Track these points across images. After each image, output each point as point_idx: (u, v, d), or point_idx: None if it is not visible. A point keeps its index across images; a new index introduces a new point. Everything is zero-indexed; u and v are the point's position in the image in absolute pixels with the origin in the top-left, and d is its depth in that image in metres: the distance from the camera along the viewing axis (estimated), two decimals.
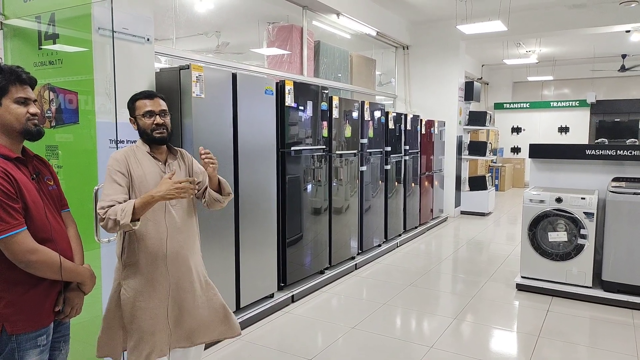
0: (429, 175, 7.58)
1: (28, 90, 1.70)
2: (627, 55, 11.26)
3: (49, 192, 1.79)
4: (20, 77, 1.68)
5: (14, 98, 1.66)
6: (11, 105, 1.65)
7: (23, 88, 1.68)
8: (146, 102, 2.15)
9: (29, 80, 1.72)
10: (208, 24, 6.28)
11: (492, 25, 6.66)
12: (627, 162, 4.43)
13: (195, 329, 2.24)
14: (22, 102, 1.67)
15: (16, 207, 1.57)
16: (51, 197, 1.80)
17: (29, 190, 1.65)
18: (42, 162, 1.87)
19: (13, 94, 1.65)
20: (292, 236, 4.27)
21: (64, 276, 1.69)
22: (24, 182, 1.63)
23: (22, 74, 1.69)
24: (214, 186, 2.27)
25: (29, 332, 1.63)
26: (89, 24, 2.67)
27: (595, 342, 3.48)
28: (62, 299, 1.75)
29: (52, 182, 1.83)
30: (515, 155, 13.77)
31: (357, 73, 7.24)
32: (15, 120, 1.66)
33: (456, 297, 4.42)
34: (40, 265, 1.62)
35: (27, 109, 1.68)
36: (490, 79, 14.19)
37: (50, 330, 1.72)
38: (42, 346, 1.67)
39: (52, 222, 1.71)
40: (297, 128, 4.26)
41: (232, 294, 3.59)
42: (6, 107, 1.65)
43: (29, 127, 1.68)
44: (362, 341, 3.45)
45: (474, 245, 6.48)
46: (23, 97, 1.67)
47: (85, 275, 1.82)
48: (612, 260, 4.13)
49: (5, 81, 1.65)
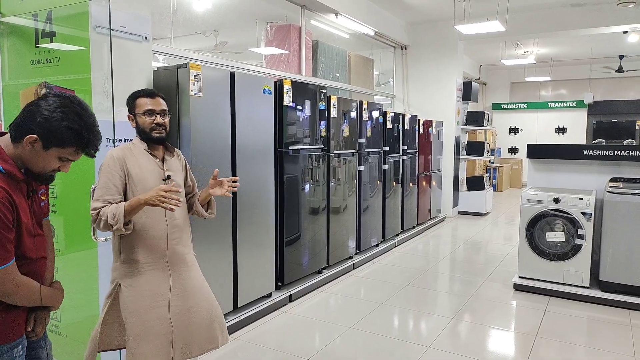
0: (426, 175, 7.59)
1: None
2: (625, 56, 11.29)
3: (39, 208, 1.67)
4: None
5: None
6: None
7: None
8: (147, 101, 2.14)
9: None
10: (206, 23, 6.27)
11: (490, 25, 6.66)
12: (624, 163, 4.44)
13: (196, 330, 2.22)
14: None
15: (10, 237, 1.46)
16: (40, 214, 1.68)
17: (24, 210, 1.54)
18: None
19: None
20: (290, 236, 4.26)
21: (43, 302, 1.62)
22: (21, 204, 1.52)
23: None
24: (204, 202, 2.27)
25: (4, 344, 1.54)
26: (86, 22, 2.66)
27: (592, 342, 3.48)
28: (33, 318, 1.65)
29: (44, 196, 1.73)
30: (513, 156, 13.79)
31: (355, 73, 7.24)
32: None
33: (454, 297, 4.43)
34: (21, 298, 1.55)
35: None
36: (488, 79, 14.21)
37: (24, 341, 1.63)
38: (19, 357, 1.60)
39: (36, 241, 1.61)
40: (295, 127, 4.26)
41: (229, 293, 3.58)
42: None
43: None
44: (359, 341, 3.45)
45: (471, 245, 6.48)
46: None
47: (60, 297, 1.74)
48: (610, 261, 4.13)
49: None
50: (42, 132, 1.46)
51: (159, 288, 2.10)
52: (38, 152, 1.49)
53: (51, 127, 1.46)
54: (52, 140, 1.47)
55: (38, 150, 1.48)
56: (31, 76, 2.90)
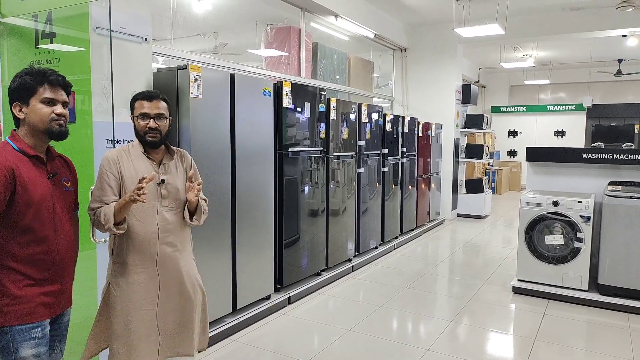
0: (426, 177, 7.59)
1: (58, 91, 1.76)
2: (624, 60, 11.32)
3: (63, 192, 1.84)
4: (49, 79, 1.74)
5: (40, 98, 1.72)
6: (37, 105, 1.72)
7: (52, 89, 1.74)
8: (144, 104, 2.12)
9: (60, 82, 1.77)
10: (206, 24, 6.27)
11: (489, 28, 6.68)
12: (623, 166, 4.44)
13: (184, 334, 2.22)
14: (48, 103, 1.73)
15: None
16: (64, 198, 1.84)
17: (37, 186, 1.70)
18: (65, 164, 1.93)
19: (40, 95, 1.72)
20: (289, 238, 4.25)
21: None
22: (32, 179, 1.69)
23: (52, 76, 1.75)
24: (192, 208, 2.22)
25: (23, 324, 1.68)
26: (86, 23, 2.66)
27: (591, 346, 3.48)
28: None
29: (69, 183, 1.89)
30: (512, 159, 13.81)
31: (354, 75, 7.25)
32: (40, 120, 1.72)
33: (453, 300, 4.42)
34: None
35: (53, 109, 1.74)
36: (488, 82, 14.23)
37: (45, 325, 1.76)
38: (38, 339, 1.72)
39: (56, 223, 1.76)
40: (295, 129, 4.26)
41: (228, 296, 3.57)
42: (33, 106, 1.73)
43: (53, 127, 1.74)
44: (358, 343, 3.44)
45: (470, 248, 6.48)
46: (50, 97, 1.73)
47: None
48: (609, 264, 4.14)
49: (34, 82, 1.72)
50: (15, 96, 1.74)
51: (146, 291, 2.10)
52: (28, 112, 1.73)
53: (16, 87, 1.74)
54: (23, 94, 1.73)
55: (27, 112, 1.73)
56: None
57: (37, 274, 1.71)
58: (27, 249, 1.69)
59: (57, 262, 1.77)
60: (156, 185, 2.12)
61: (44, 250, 1.72)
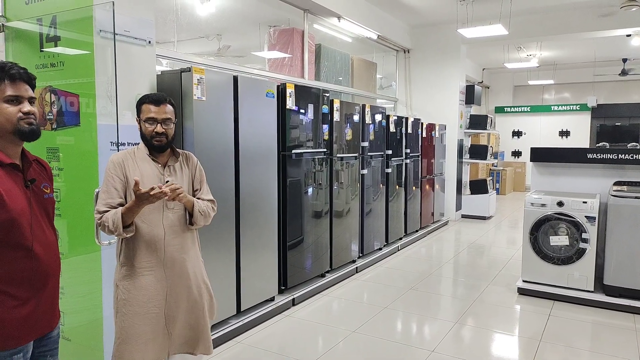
0: (429, 178, 7.58)
1: (22, 87, 1.56)
2: (628, 59, 11.27)
3: (42, 200, 1.65)
4: (10, 73, 1.53)
5: (3, 97, 1.52)
6: (1, 105, 1.52)
7: (15, 85, 1.54)
8: (150, 108, 2.12)
9: (23, 76, 1.57)
10: (209, 27, 6.28)
11: (493, 29, 6.66)
12: (628, 166, 4.42)
13: (193, 335, 2.22)
14: (12, 101, 1.54)
15: None
16: (44, 207, 1.66)
17: (15, 199, 1.52)
18: (42, 167, 1.74)
19: (3, 92, 1.52)
20: (293, 239, 4.26)
21: None
22: (10, 192, 1.51)
23: (13, 69, 1.54)
24: (189, 209, 2.20)
25: (3, 350, 1.51)
26: (90, 27, 2.67)
27: (597, 347, 3.46)
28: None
29: (48, 189, 1.70)
30: (516, 159, 13.77)
31: (358, 76, 7.25)
32: (5, 120, 1.52)
33: (457, 301, 4.41)
34: None
35: (20, 107, 1.55)
36: (491, 82, 14.20)
37: (28, 348, 1.60)
38: None
39: (36, 235, 1.58)
40: (298, 131, 4.26)
41: (232, 297, 3.58)
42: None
43: (22, 127, 1.54)
44: (362, 345, 3.44)
45: (475, 249, 6.46)
46: (14, 95, 1.54)
47: None
48: (614, 265, 4.11)
49: None
50: None
51: (154, 294, 2.10)
52: None
53: None
54: None
55: None
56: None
57: (22, 293, 1.54)
58: (9, 266, 1.51)
59: (43, 277, 1.60)
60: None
61: (28, 266, 1.55)
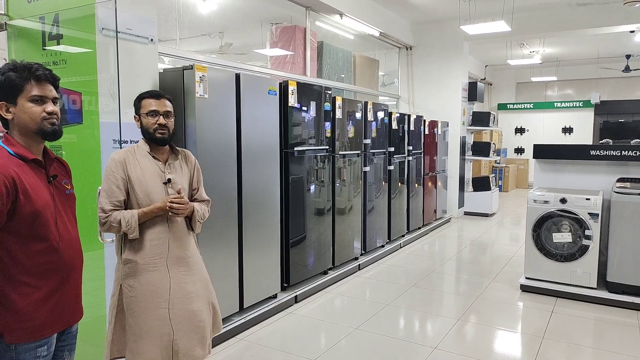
0: (432, 175, 7.57)
1: (46, 87, 1.63)
2: (632, 56, 11.21)
3: (65, 196, 1.73)
4: (36, 74, 1.60)
5: (28, 96, 1.59)
6: (26, 104, 1.59)
7: (40, 86, 1.61)
8: (151, 102, 2.16)
9: (48, 77, 1.64)
10: (211, 24, 6.29)
11: (495, 25, 6.64)
12: (631, 163, 4.41)
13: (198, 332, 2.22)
14: (37, 101, 1.60)
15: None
16: (67, 202, 1.73)
17: (39, 193, 1.59)
18: (62, 166, 1.81)
19: (28, 92, 1.59)
20: (296, 237, 4.26)
21: None
22: (34, 186, 1.58)
23: (39, 71, 1.61)
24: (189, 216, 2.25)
25: (29, 342, 1.58)
26: (92, 25, 2.68)
27: (599, 344, 3.46)
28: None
29: (69, 186, 1.77)
30: (519, 156, 13.73)
31: (360, 73, 7.24)
32: (30, 120, 1.60)
33: (460, 298, 4.41)
34: None
35: (44, 107, 1.61)
36: (494, 79, 14.15)
37: (52, 341, 1.67)
38: (43, 357, 1.63)
39: (60, 229, 1.65)
40: (301, 128, 4.26)
41: (235, 294, 3.59)
42: (21, 106, 1.59)
43: (45, 127, 1.62)
44: (365, 342, 3.44)
45: (477, 246, 6.46)
46: (39, 95, 1.60)
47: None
48: (617, 261, 4.10)
49: (20, 79, 1.58)
50: (1, 96, 1.60)
51: (158, 290, 2.11)
52: (17, 112, 1.61)
53: (1, 86, 1.59)
54: (8, 93, 1.59)
55: (15, 111, 1.61)
56: None
57: (47, 285, 1.61)
58: (35, 259, 1.58)
59: (67, 270, 1.67)
60: (163, 184, 2.14)
61: (53, 259, 1.62)
